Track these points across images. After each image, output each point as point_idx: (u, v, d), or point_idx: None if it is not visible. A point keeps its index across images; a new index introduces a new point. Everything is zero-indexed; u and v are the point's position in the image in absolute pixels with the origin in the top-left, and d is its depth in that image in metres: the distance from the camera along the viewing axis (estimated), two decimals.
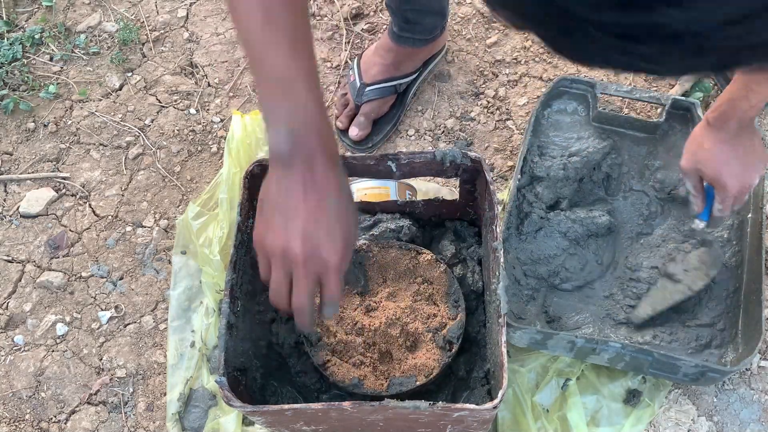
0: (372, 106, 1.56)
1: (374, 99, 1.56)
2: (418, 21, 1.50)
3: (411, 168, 1.20)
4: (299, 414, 1.02)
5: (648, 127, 1.45)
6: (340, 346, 1.19)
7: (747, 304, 1.28)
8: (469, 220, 1.31)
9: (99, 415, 1.37)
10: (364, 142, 1.57)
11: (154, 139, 1.63)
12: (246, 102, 1.66)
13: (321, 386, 1.21)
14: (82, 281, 1.49)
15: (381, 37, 1.60)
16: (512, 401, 1.29)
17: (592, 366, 1.31)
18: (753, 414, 1.31)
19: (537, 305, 1.33)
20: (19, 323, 1.46)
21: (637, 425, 1.28)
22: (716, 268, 1.32)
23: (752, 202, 1.35)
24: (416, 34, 1.52)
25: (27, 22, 1.80)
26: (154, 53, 1.74)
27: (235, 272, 1.11)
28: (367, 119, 1.56)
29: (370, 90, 1.56)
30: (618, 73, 1.49)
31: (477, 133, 1.60)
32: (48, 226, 1.55)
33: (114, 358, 1.41)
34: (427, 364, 1.16)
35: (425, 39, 1.54)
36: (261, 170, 1.18)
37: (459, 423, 1.04)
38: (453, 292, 1.21)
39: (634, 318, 1.31)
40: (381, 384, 1.16)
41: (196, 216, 1.45)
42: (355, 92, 1.57)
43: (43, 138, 1.65)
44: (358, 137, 1.55)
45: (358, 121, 1.56)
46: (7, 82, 1.70)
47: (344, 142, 1.58)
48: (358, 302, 1.23)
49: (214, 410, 1.34)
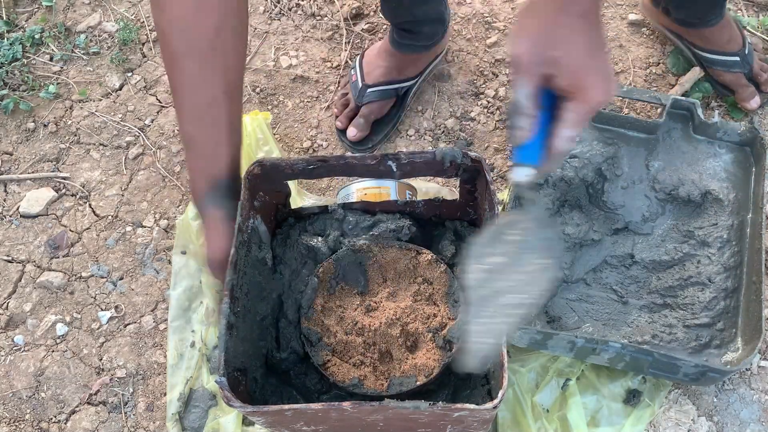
0: (372, 107, 1.56)
1: (375, 101, 1.56)
2: (417, 30, 1.50)
3: (411, 168, 1.20)
4: (299, 414, 1.02)
5: (648, 127, 1.45)
6: (340, 346, 1.19)
7: (747, 304, 1.28)
8: (470, 220, 1.31)
9: (99, 415, 1.37)
10: (363, 142, 1.57)
11: (154, 139, 1.63)
12: (246, 102, 1.66)
13: (321, 387, 1.21)
14: (82, 281, 1.49)
15: (384, 39, 1.60)
16: (512, 401, 1.29)
17: (592, 366, 1.31)
18: (753, 414, 1.31)
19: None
20: (19, 323, 1.46)
21: (637, 425, 1.28)
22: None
23: (752, 202, 1.35)
24: (417, 42, 1.52)
25: (27, 22, 1.80)
26: (154, 53, 1.74)
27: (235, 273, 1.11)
28: (366, 121, 1.56)
29: (372, 92, 1.56)
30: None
31: (477, 133, 1.60)
32: (48, 226, 1.55)
33: (114, 358, 1.41)
34: (427, 364, 1.16)
35: (427, 45, 1.54)
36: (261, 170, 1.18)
37: (459, 423, 1.04)
38: (453, 292, 1.21)
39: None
40: (381, 384, 1.16)
41: (196, 216, 1.45)
42: (357, 93, 1.57)
43: (43, 138, 1.65)
44: (356, 138, 1.56)
45: (357, 123, 1.56)
46: (7, 82, 1.70)
47: (344, 141, 1.58)
48: (358, 302, 1.23)
49: (214, 410, 1.34)
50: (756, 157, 1.40)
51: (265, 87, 1.68)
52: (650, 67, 1.64)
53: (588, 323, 1.32)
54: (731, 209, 1.38)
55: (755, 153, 1.40)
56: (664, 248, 1.37)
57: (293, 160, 1.19)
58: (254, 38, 1.75)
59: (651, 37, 1.69)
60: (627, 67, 1.65)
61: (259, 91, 1.67)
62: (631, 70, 1.64)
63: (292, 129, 1.63)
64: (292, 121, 1.64)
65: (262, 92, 1.67)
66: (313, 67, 1.70)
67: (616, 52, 1.67)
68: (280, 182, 1.26)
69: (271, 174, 1.21)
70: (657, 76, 1.63)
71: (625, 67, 1.65)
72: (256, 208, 1.23)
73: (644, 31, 1.69)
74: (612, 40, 1.69)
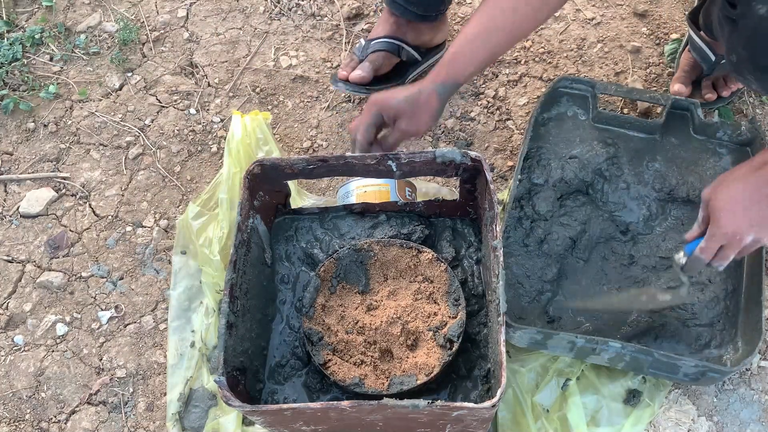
0: (377, 56, 1.57)
1: (379, 50, 1.57)
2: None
3: (411, 167, 1.20)
4: (298, 414, 1.02)
5: (648, 127, 1.45)
6: (341, 345, 1.19)
7: (747, 304, 1.28)
8: (469, 219, 1.31)
9: (99, 415, 1.37)
10: (364, 85, 1.57)
11: (154, 139, 1.63)
12: (246, 102, 1.66)
13: (322, 386, 1.21)
14: (82, 281, 1.49)
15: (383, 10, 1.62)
16: (512, 401, 1.29)
17: (592, 366, 1.31)
18: (753, 414, 1.31)
19: (539, 306, 1.32)
20: (19, 323, 1.46)
21: (637, 425, 1.28)
22: (676, 303, 1.27)
23: None
24: (410, 6, 1.53)
25: (27, 22, 1.80)
26: (154, 53, 1.74)
27: (234, 272, 1.11)
28: (371, 65, 1.57)
29: (375, 42, 1.58)
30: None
31: (477, 133, 1.60)
32: (48, 226, 1.55)
33: (114, 358, 1.41)
34: (427, 362, 1.16)
35: (417, 14, 1.54)
36: (261, 170, 1.18)
37: (458, 422, 1.04)
38: (453, 291, 1.21)
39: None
40: (382, 383, 1.15)
41: (196, 216, 1.45)
42: (361, 50, 1.59)
43: (43, 138, 1.65)
44: (358, 78, 1.56)
45: (363, 66, 1.57)
46: (7, 82, 1.70)
47: (346, 86, 1.57)
48: (359, 301, 1.23)
49: (214, 410, 1.34)
50: None
51: (265, 87, 1.68)
52: (650, 67, 1.64)
53: (588, 323, 1.32)
54: None
55: (755, 153, 1.40)
56: (664, 248, 1.37)
57: (293, 160, 1.19)
58: (254, 38, 1.75)
59: (651, 37, 1.69)
60: (627, 67, 1.65)
61: (259, 91, 1.67)
62: (631, 70, 1.64)
63: (292, 129, 1.63)
64: (292, 121, 1.64)
65: (262, 92, 1.67)
66: (313, 67, 1.70)
67: (616, 52, 1.67)
68: (280, 182, 1.26)
69: (271, 174, 1.21)
70: (657, 76, 1.63)
71: (625, 67, 1.65)
72: (256, 207, 1.23)
73: (644, 31, 1.69)
74: (612, 40, 1.69)
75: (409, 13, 1.54)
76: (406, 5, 1.53)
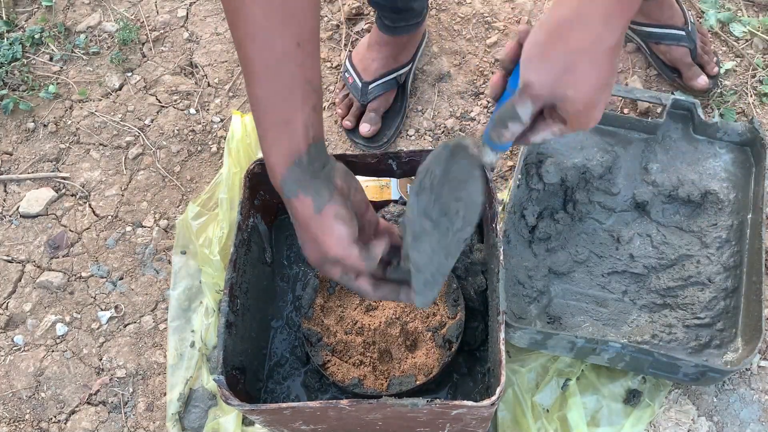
0: (379, 101, 1.56)
1: (380, 95, 1.56)
2: (409, 7, 1.50)
3: (412, 166, 1.20)
4: (298, 413, 1.02)
5: (648, 127, 1.45)
6: (340, 345, 1.19)
7: (747, 304, 1.28)
8: None
9: (99, 415, 1.37)
10: (377, 137, 1.56)
11: (154, 139, 1.63)
12: (246, 102, 1.66)
13: (321, 385, 1.21)
14: (82, 281, 1.49)
15: (369, 35, 1.60)
16: (512, 401, 1.29)
17: (592, 366, 1.31)
18: (753, 414, 1.31)
19: (539, 306, 1.32)
20: (19, 323, 1.46)
21: (637, 425, 1.28)
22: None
23: (752, 202, 1.35)
24: (410, 21, 1.52)
25: (27, 22, 1.80)
26: (154, 53, 1.74)
27: (234, 271, 1.11)
28: (377, 114, 1.56)
29: (374, 87, 1.56)
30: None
31: (477, 133, 1.60)
32: (48, 226, 1.55)
33: (114, 358, 1.41)
34: (426, 363, 1.16)
35: (418, 22, 1.54)
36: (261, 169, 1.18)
37: (458, 421, 1.04)
38: (452, 291, 1.21)
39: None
40: (381, 384, 1.15)
41: (196, 216, 1.45)
42: (359, 93, 1.56)
43: (43, 138, 1.65)
44: (370, 132, 1.55)
45: (369, 117, 1.55)
46: (7, 82, 1.70)
47: (355, 141, 1.57)
48: (358, 301, 1.23)
49: (214, 410, 1.34)
50: (756, 157, 1.39)
51: None
52: (650, 67, 1.64)
53: (588, 323, 1.32)
54: (731, 209, 1.38)
55: (755, 153, 1.40)
56: (664, 248, 1.37)
57: None
58: None
59: None
60: (627, 67, 1.65)
61: None
62: (631, 70, 1.64)
63: None
64: None
65: None
66: None
67: None
68: None
69: None
70: (657, 75, 1.63)
71: (625, 67, 1.65)
72: (256, 206, 1.23)
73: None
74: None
75: (409, 27, 1.54)
76: (407, 23, 1.52)
